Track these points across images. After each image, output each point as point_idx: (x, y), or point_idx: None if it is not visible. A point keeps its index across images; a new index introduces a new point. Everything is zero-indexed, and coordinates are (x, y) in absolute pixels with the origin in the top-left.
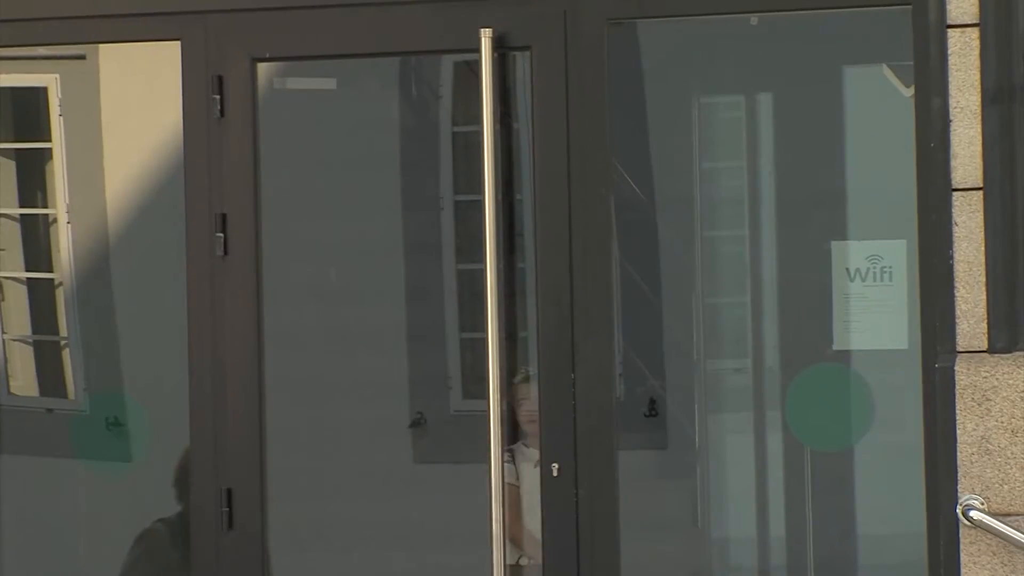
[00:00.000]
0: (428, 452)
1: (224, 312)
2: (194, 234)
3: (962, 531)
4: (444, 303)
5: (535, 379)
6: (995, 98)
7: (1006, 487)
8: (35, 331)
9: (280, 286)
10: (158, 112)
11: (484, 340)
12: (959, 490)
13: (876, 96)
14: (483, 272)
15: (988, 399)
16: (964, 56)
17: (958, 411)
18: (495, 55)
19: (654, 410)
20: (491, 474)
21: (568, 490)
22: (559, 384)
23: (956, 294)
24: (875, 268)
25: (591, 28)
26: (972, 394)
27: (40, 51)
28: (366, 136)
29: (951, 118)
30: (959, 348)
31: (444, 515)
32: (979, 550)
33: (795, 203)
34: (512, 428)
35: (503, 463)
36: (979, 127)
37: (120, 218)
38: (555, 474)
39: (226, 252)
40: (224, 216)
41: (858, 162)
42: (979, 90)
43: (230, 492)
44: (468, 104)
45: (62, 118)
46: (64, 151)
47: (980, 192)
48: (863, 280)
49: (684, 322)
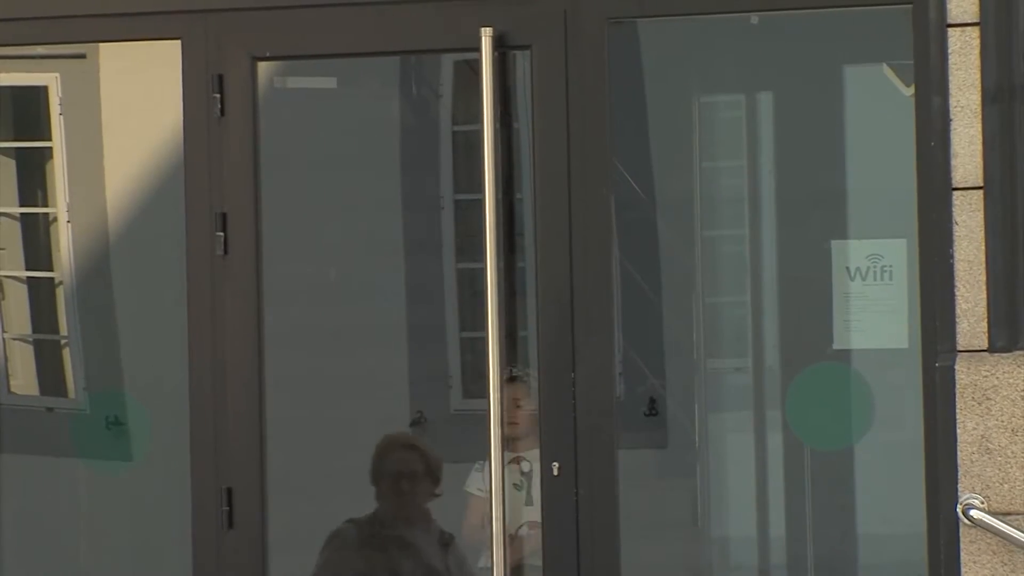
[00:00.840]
0: None
1: (224, 311)
2: (194, 233)
3: (962, 530)
4: (444, 302)
5: (519, 381)
6: (995, 97)
7: (1006, 486)
8: (35, 330)
9: (280, 285)
10: (158, 111)
11: (484, 339)
12: (959, 489)
13: (876, 95)
14: (483, 271)
15: (988, 398)
16: (964, 55)
17: (958, 410)
18: (495, 54)
19: (654, 409)
20: (491, 473)
21: (568, 489)
22: (559, 383)
23: (956, 293)
24: (875, 267)
25: (591, 27)
26: (972, 393)
27: (40, 50)
28: (367, 135)
29: (951, 117)
30: (959, 347)
31: (443, 513)
32: (979, 549)
33: (795, 202)
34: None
35: (503, 463)
36: (979, 126)
37: (120, 217)
38: (555, 473)
39: (226, 251)
40: (224, 215)
41: (858, 161)
42: (979, 89)
43: (230, 491)
44: (468, 103)
45: (62, 117)
46: (64, 150)
47: (980, 191)
48: (863, 279)
49: (684, 321)
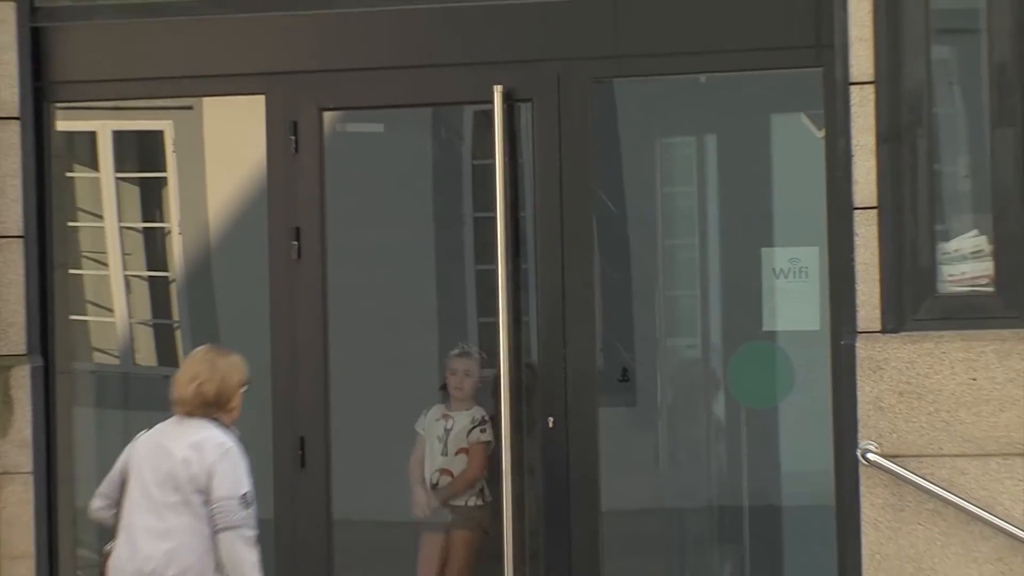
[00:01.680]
0: None
1: (297, 301)
2: (275, 242)
3: (861, 469)
4: (466, 295)
5: (470, 356)
6: (886, 138)
7: (895, 435)
8: (154, 316)
9: (340, 281)
10: (248, 150)
11: (496, 324)
12: (859, 438)
13: (795, 137)
14: (496, 272)
15: (881, 368)
16: (863, 106)
17: (858, 377)
18: (504, 106)
19: (626, 377)
20: (502, 428)
21: (561, 437)
22: (554, 357)
23: (856, 288)
24: (795, 268)
25: (579, 85)
26: (868, 364)
27: (159, 103)
28: (406, 168)
29: (853, 154)
30: (859, 329)
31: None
32: (874, 483)
33: (733, 218)
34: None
35: (510, 420)
36: (874, 161)
37: (218, 230)
38: (551, 425)
39: (299, 256)
40: (298, 229)
41: (782, 187)
42: (874, 132)
43: (303, 439)
44: (484, 143)
45: (174, 154)
46: (176, 179)
47: (875, 210)
48: (785, 277)
49: (649, 310)
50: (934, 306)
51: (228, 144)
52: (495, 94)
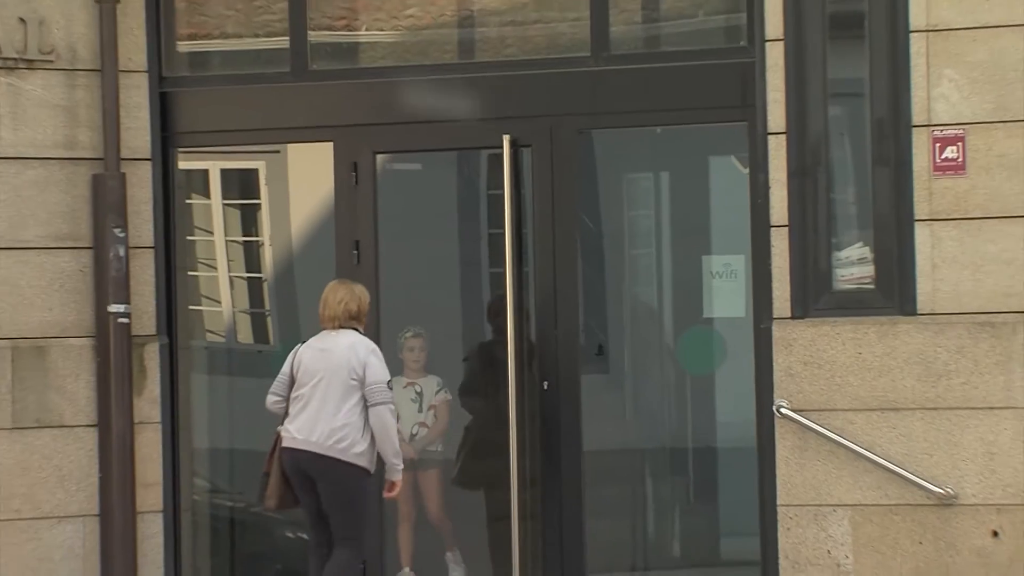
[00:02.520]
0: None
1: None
2: (341, 251)
3: (776, 421)
4: (482, 292)
5: (420, 336)
6: (795, 174)
7: (801, 395)
8: (250, 307)
9: (389, 281)
10: (320, 182)
11: (505, 312)
12: (774, 397)
13: (728, 173)
14: (504, 274)
15: (790, 345)
16: (777, 151)
17: (774, 352)
18: (511, 150)
19: (601, 351)
20: (510, 396)
21: (554, 397)
22: (548, 336)
23: (773, 286)
24: (727, 271)
25: (567, 135)
26: (781, 342)
27: (255, 148)
28: (437, 196)
29: (770, 186)
30: (774, 316)
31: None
32: (785, 431)
33: (682, 234)
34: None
35: (516, 389)
36: (786, 191)
37: (299, 242)
38: (545, 387)
39: (359, 262)
40: (358, 241)
41: (718, 210)
42: (786, 170)
43: None
44: (495, 178)
45: (266, 186)
46: (267, 205)
47: (786, 228)
48: (720, 277)
49: (618, 302)
50: (830, 299)
51: (306, 178)
52: (504, 142)
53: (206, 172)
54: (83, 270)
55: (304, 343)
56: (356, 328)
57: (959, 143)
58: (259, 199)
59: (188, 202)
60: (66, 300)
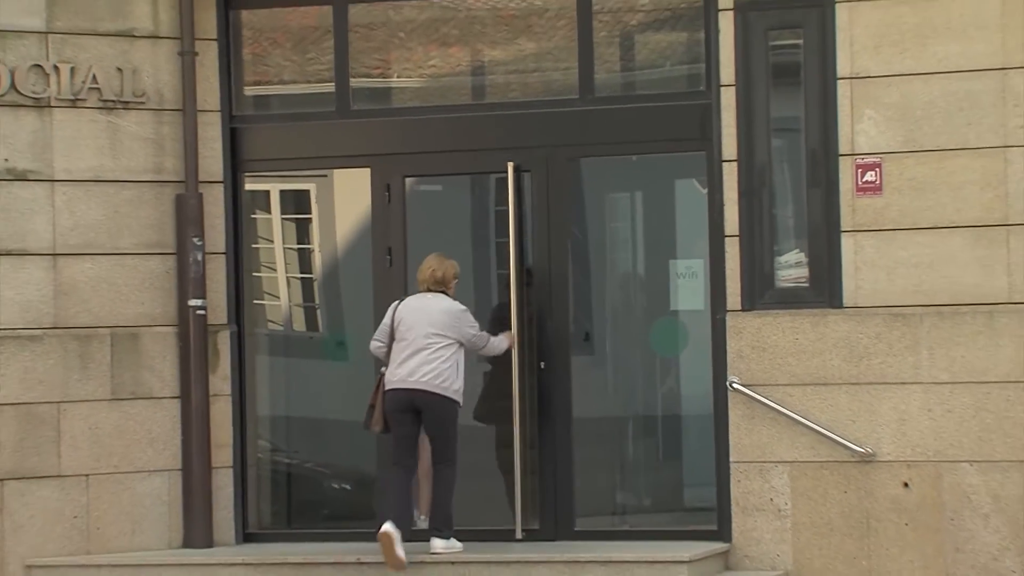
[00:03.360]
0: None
1: (390, 294)
2: (377, 256)
3: (729, 394)
4: (491, 289)
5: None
6: (744, 194)
7: (749, 373)
8: (303, 301)
9: (416, 280)
10: (360, 200)
11: (510, 304)
12: (728, 374)
13: (690, 194)
14: (509, 273)
15: (740, 332)
16: (730, 175)
17: (727, 338)
18: (514, 175)
19: (588, 337)
20: (514, 374)
21: (549, 374)
22: (544, 325)
23: (726, 285)
24: (690, 272)
25: (560, 162)
26: (733, 330)
27: (306, 173)
28: (454, 212)
29: (724, 204)
30: (728, 309)
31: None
32: (736, 402)
33: (653, 242)
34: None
35: (519, 367)
36: (737, 208)
37: (343, 249)
38: (542, 367)
39: (391, 264)
40: (390, 248)
41: (683, 223)
42: (737, 191)
43: None
44: (501, 197)
45: (316, 204)
46: (317, 219)
47: (737, 238)
48: (684, 277)
49: (601, 297)
50: (773, 295)
51: (348, 198)
52: (509, 168)
53: (267, 192)
54: (168, 272)
55: (402, 301)
56: (444, 291)
57: (877, 169)
58: (310, 214)
59: (253, 217)
60: (155, 296)
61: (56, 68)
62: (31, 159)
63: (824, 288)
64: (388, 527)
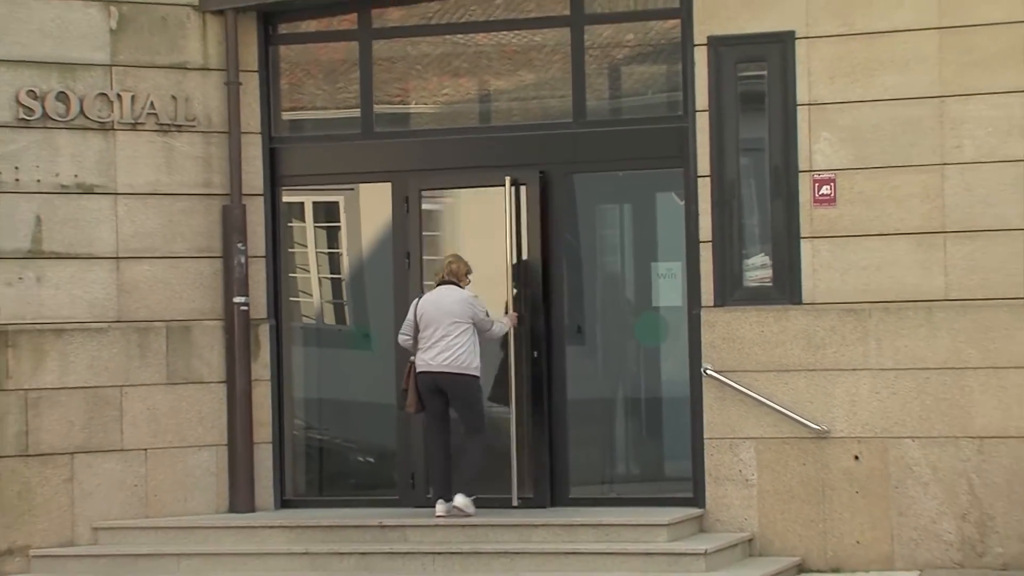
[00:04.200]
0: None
1: (409, 291)
2: (397, 259)
3: (704, 379)
4: (491, 288)
5: None
6: (716, 205)
7: (720, 361)
8: (333, 298)
9: (431, 280)
10: (383, 211)
11: (511, 301)
12: (703, 361)
13: (670, 206)
14: (508, 274)
15: (713, 325)
16: (704, 188)
17: (702, 330)
18: (512, 188)
19: (580, 330)
20: (512, 361)
21: (543, 363)
22: (541, 318)
23: (701, 284)
24: (669, 273)
25: (557, 177)
26: (708, 323)
27: (336, 187)
28: (464, 220)
29: (699, 213)
30: (702, 304)
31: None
32: (710, 386)
33: (639, 247)
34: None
35: (517, 355)
36: (710, 217)
37: (367, 252)
38: (535, 356)
39: (409, 267)
40: (408, 253)
41: (664, 230)
42: (710, 202)
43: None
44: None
45: (344, 214)
46: (345, 227)
47: (711, 243)
48: (664, 278)
49: (592, 294)
50: (741, 294)
51: (372, 209)
52: (507, 182)
53: (302, 204)
54: (216, 273)
55: (421, 297)
56: (456, 283)
57: (831, 183)
58: (339, 223)
59: (289, 225)
60: (204, 294)
61: (119, 96)
62: (97, 175)
63: (786, 287)
64: (440, 508)
